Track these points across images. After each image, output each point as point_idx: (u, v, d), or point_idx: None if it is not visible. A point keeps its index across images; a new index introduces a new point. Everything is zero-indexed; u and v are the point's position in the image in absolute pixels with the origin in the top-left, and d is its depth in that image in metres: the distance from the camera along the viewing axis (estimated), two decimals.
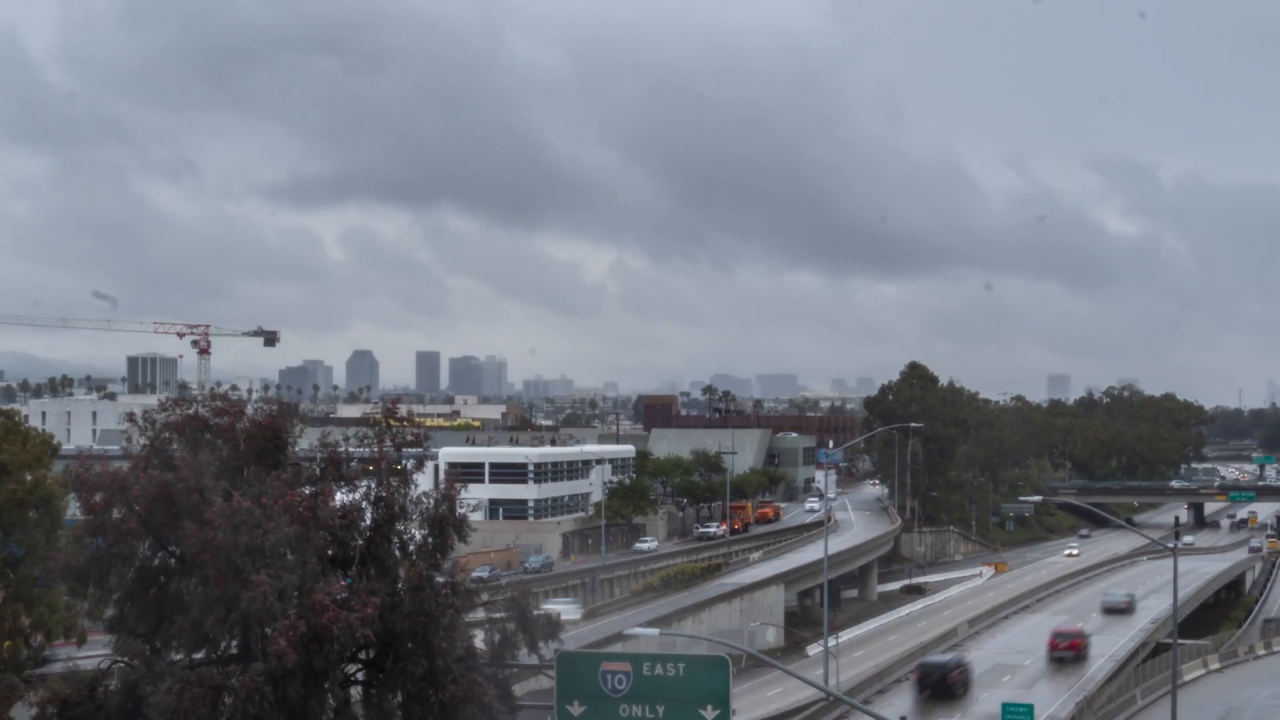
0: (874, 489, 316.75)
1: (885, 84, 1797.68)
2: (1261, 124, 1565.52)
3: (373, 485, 60.44)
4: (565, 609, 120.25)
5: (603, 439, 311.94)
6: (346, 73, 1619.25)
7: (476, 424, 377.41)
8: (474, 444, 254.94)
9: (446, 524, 60.99)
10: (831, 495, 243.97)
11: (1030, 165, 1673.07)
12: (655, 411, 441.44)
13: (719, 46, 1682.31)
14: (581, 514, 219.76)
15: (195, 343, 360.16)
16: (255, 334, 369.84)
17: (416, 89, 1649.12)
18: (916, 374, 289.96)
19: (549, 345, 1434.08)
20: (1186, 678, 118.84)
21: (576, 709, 61.32)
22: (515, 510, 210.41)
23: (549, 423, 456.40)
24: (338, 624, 52.59)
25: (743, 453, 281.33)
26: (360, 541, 59.43)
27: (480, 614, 65.39)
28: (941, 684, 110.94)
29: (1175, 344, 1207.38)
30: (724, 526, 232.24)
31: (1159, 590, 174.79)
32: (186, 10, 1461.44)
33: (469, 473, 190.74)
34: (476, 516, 68.42)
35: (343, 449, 61.90)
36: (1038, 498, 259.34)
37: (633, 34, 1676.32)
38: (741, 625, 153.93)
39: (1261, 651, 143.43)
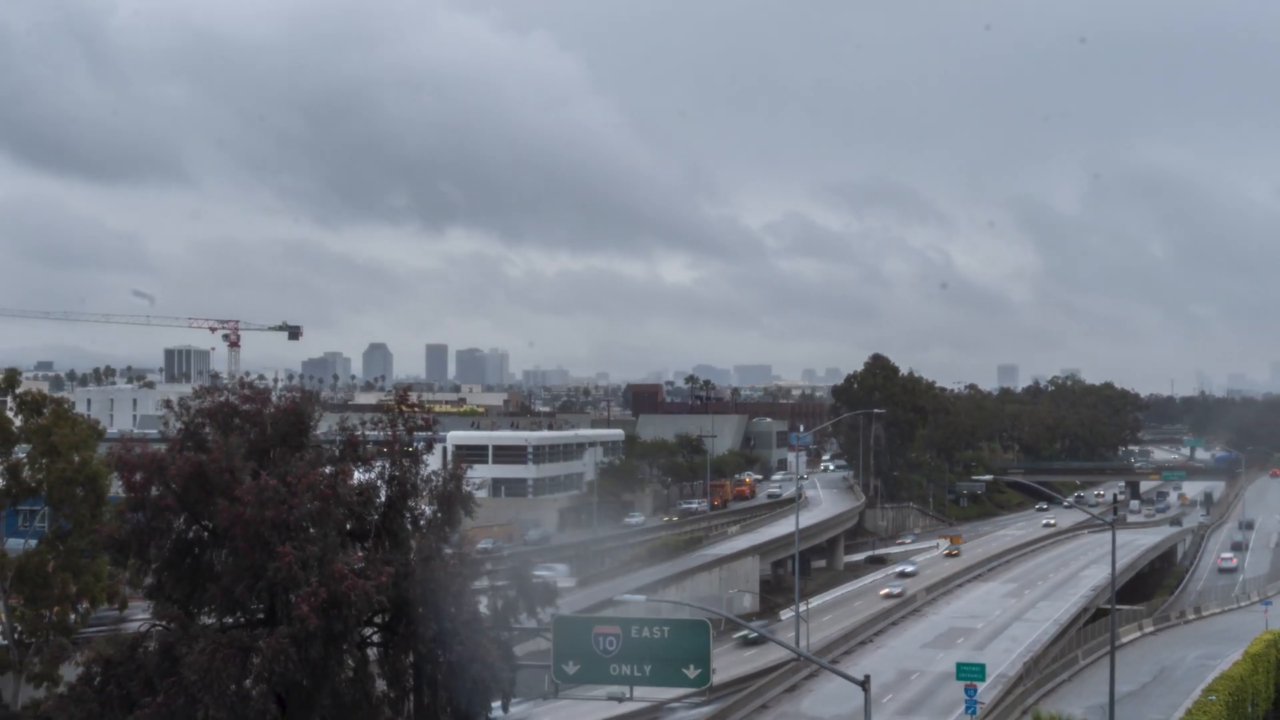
0: (839, 469, 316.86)
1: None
2: (1193, 131, 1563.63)
3: (387, 465, 60.56)
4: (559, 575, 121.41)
5: (595, 424, 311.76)
6: None
7: (481, 410, 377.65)
8: (478, 428, 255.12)
9: (454, 500, 61.10)
10: (805, 477, 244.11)
11: (987, 175, 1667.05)
12: (643, 399, 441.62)
13: None
14: (576, 492, 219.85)
15: (226, 336, 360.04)
16: (280, 328, 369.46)
17: None
18: (879, 365, 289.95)
19: (548, 338, 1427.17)
20: (1124, 640, 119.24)
21: (572, 668, 61.53)
22: (516, 488, 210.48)
23: (546, 409, 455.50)
24: (355, 591, 52.73)
25: (722, 436, 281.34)
26: (376, 516, 59.54)
27: (484, 582, 65.48)
28: None
29: (1115, 337, 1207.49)
30: (705, 503, 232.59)
31: (1099, 561, 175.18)
32: None
33: (474, 454, 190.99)
34: (481, 494, 68.62)
35: (360, 433, 62.04)
36: (989, 477, 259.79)
37: None
38: (721, 592, 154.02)
39: (1192, 616, 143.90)
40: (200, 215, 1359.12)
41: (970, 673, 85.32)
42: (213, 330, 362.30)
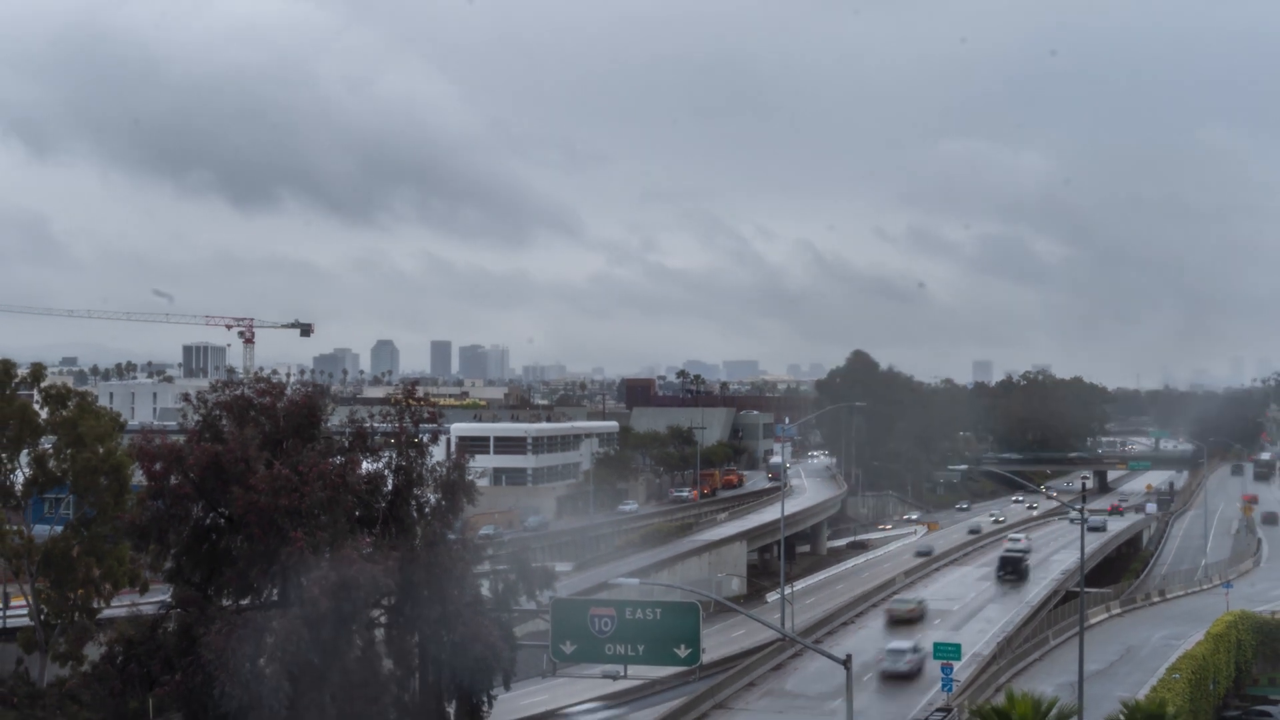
0: (823, 459, 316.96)
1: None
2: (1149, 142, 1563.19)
3: (394, 456, 60.70)
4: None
5: (591, 416, 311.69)
6: None
7: (483, 403, 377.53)
8: (481, 420, 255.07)
9: (457, 489, 61.26)
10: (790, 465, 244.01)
11: (961, 182, 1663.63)
12: (636, 392, 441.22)
13: None
14: (573, 481, 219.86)
15: (241, 333, 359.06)
16: (293, 325, 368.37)
17: None
18: (860, 360, 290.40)
19: (546, 335, 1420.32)
20: (1092, 621, 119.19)
21: (569, 648, 61.58)
22: (516, 477, 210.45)
23: (545, 402, 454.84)
24: (364, 575, 52.82)
25: (711, 428, 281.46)
26: (383, 504, 59.68)
27: (486, 566, 65.59)
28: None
29: (1083, 334, 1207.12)
30: (695, 491, 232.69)
31: (1068, 546, 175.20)
32: None
33: (476, 445, 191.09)
34: (482, 483, 68.70)
35: (368, 425, 62.16)
36: (964, 466, 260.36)
37: None
38: (710, 576, 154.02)
39: (1156, 598, 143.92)
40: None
41: (947, 652, 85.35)
42: (229, 327, 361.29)
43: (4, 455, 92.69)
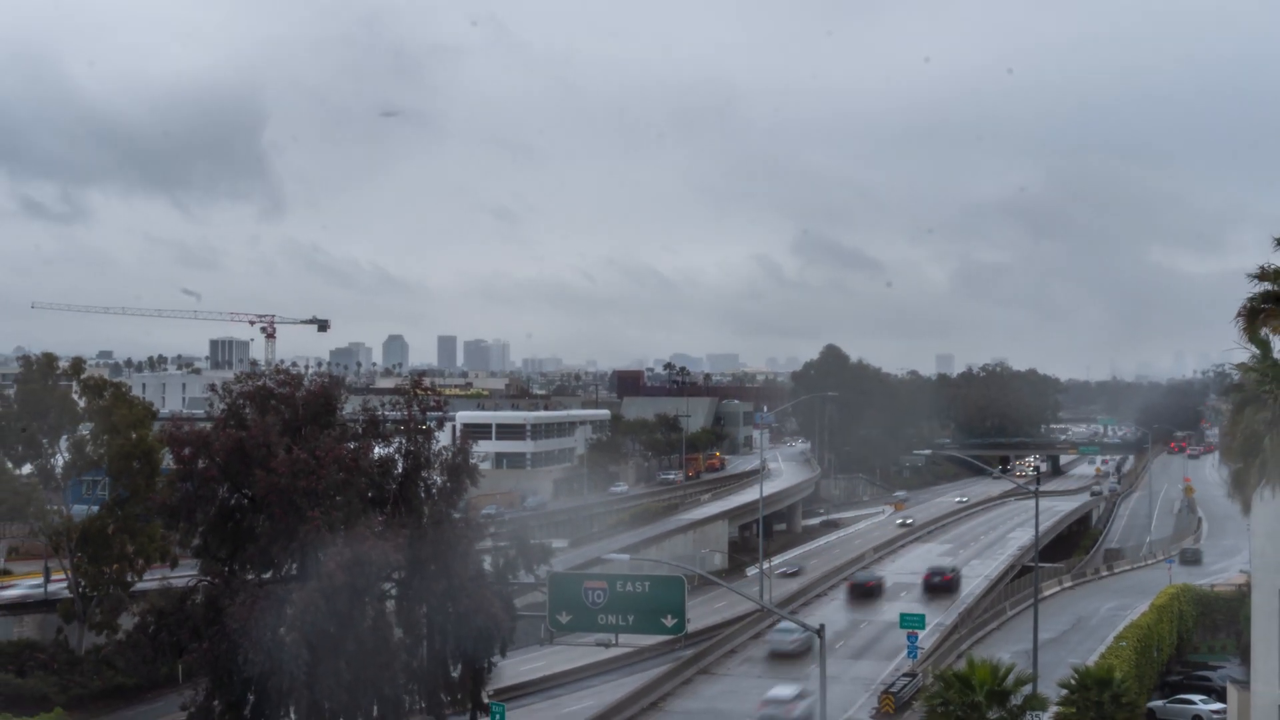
0: (798, 445, 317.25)
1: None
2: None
3: (403, 441, 60.66)
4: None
5: (585, 405, 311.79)
6: None
7: (485, 393, 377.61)
8: (483, 409, 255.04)
9: (461, 472, 61.25)
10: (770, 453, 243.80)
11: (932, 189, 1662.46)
12: (627, 383, 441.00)
13: None
14: (568, 464, 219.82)
15: (264, 329, 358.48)
16: (311, 322, 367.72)
17: None
18: (832, 354, 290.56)
19: (544, 330, 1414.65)
20: (1046, 593, 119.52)
21: (565, 618, 61.63)
22: (515, 461, 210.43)
23: (543, 392, 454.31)
24: (375, 551, 52.86)
25: (696, 416, 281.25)
26: (393, 486, 59.65)
27: (488, 543, 65.61)
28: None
29: (1038, 329, 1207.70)
30: (681, 474, 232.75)
31: (1024, 524, 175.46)
32: None
33: (479, 431, 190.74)
34: (485, 466, 68.64)
35: (380, 413, 62.16)
36: (928, 451, 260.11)
37: None
38: (694, 551, 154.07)
39: (1105, 573, 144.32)
40: None
41: (912, 622, 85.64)
42: (252, 323, 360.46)
43: (45, 441, 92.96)
